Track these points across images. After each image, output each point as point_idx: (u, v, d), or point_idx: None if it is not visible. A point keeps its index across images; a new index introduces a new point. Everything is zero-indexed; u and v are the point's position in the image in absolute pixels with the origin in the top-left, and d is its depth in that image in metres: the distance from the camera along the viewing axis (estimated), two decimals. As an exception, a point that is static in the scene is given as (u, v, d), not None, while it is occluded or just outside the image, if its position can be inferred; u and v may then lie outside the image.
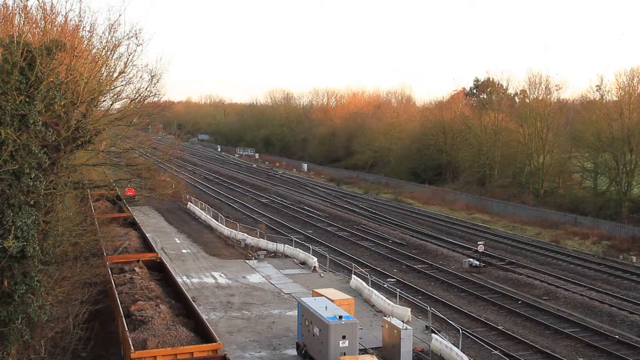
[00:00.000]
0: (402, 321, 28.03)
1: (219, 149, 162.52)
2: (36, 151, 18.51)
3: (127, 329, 24.31)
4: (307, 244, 49.19)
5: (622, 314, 35.95)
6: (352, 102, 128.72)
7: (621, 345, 31.40)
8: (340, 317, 25.40)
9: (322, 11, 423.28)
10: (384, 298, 34.88)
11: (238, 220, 61.79)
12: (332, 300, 28.50)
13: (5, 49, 18.08)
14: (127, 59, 25.62)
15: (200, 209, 66.53)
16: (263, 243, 49.82)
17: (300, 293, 36.28)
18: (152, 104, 31.53)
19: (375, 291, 36.06)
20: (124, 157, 31.39)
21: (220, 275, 41.47)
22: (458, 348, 27.37)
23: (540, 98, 79.99)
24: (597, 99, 74.32)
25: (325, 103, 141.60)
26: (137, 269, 34.30)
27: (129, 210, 52.64)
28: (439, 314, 33.47)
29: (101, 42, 25.47)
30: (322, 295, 29.87)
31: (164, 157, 34.27)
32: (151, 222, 58.65)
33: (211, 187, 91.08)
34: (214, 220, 60.06)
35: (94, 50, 25.67)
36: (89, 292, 25.36)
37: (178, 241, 52.75)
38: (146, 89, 27.38)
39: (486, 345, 29.97)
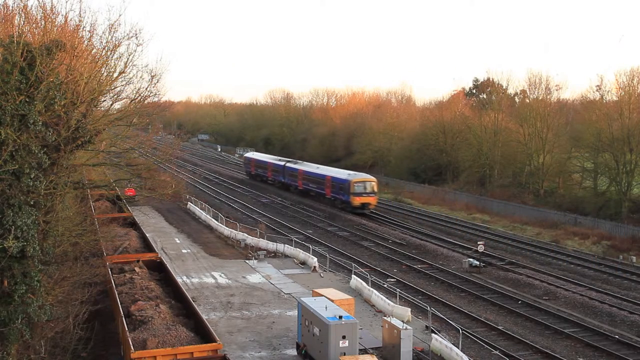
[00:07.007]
0: (402, 321, 28.03)
1: (219, 149, 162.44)
2: (36, 151, 18.50)
3: (127, 329, 24.30)
4: (307, 244, 49.17)
5: (622, 314, 35.96)
6: (352, 102, 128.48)
7: (621, 345, 31.42)
8: (340, 317, 25.40)
9: (322, 11, 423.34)
10: (384, 298, 34.87)
11: (238, 220, 61.78)
12: (332, 300, 28.50)
13: (5, 49, 18.07)
14: (127, 59, 25.64)
15: (200, 209, 66.52)
16: (263, 243, 49.81)
17: (300, 293, 36.28)
18: (152, 104, 31.52)
19: (375, 291, 36.05)
20: (124, 157, 31.42)
21: (220, 275, 41.47)
22: (458, 348, 27.37)
23: (540, 98, 79.93)
24: (597, 99, 74.24)
25: (325, 103, 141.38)
26: (137, 269, 34.30)
27: (129, 210, 52.62)
28: (439, 314, 33.46)
29: (101, 42, 25.51)
30: (322, 295, 29.87)
31: (164, 157, 34.21)
32: (151, 222, 58.66)
33: (211, 187, 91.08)
34: (214, 220, 60.06)
35: (94, 50, 25.69)
36: (89, 292, 25.35)
37: (178, 241, 52.74)
38: (146, 89, 27.42)
39: (486, 345, 29.97)
